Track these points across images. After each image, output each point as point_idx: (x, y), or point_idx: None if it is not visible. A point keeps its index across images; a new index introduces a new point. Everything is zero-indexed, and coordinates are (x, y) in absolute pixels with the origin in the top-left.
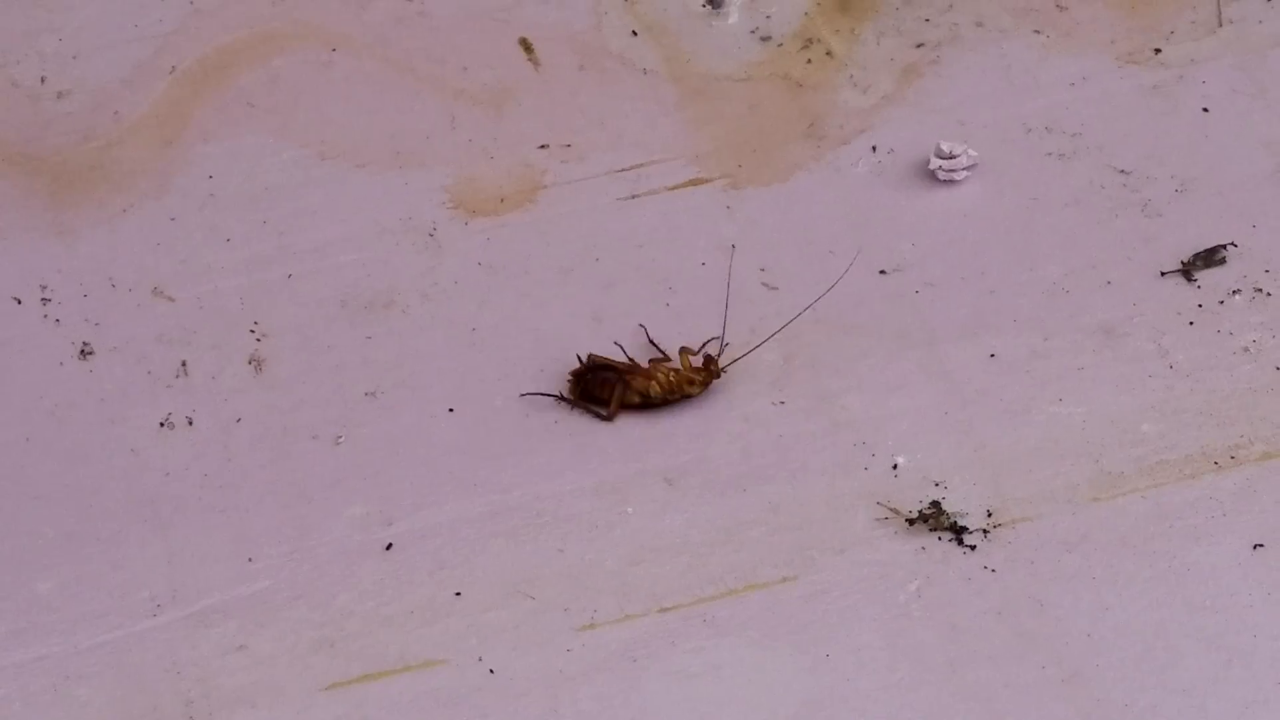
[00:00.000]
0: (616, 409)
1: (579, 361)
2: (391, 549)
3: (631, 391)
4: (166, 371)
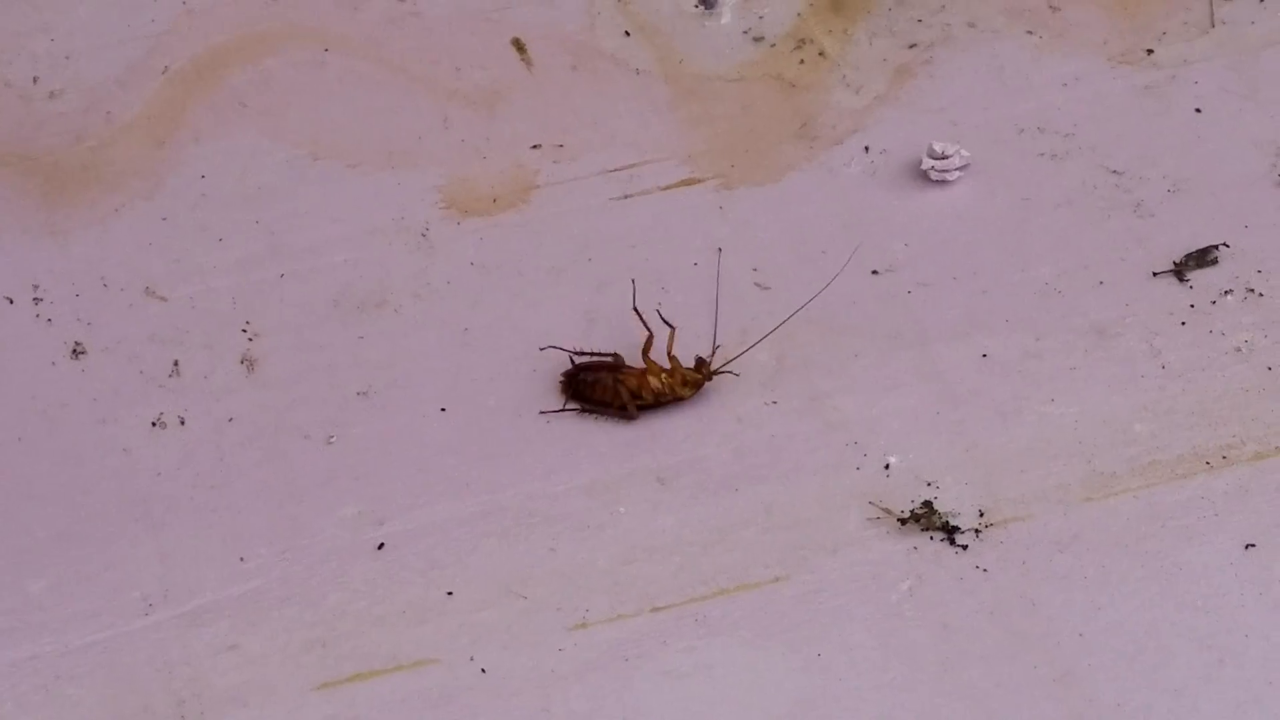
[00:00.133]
0: (633, 407)
1: (570, 362)
2: (383, 548)
3: (625, 390)
4: (159, 371)
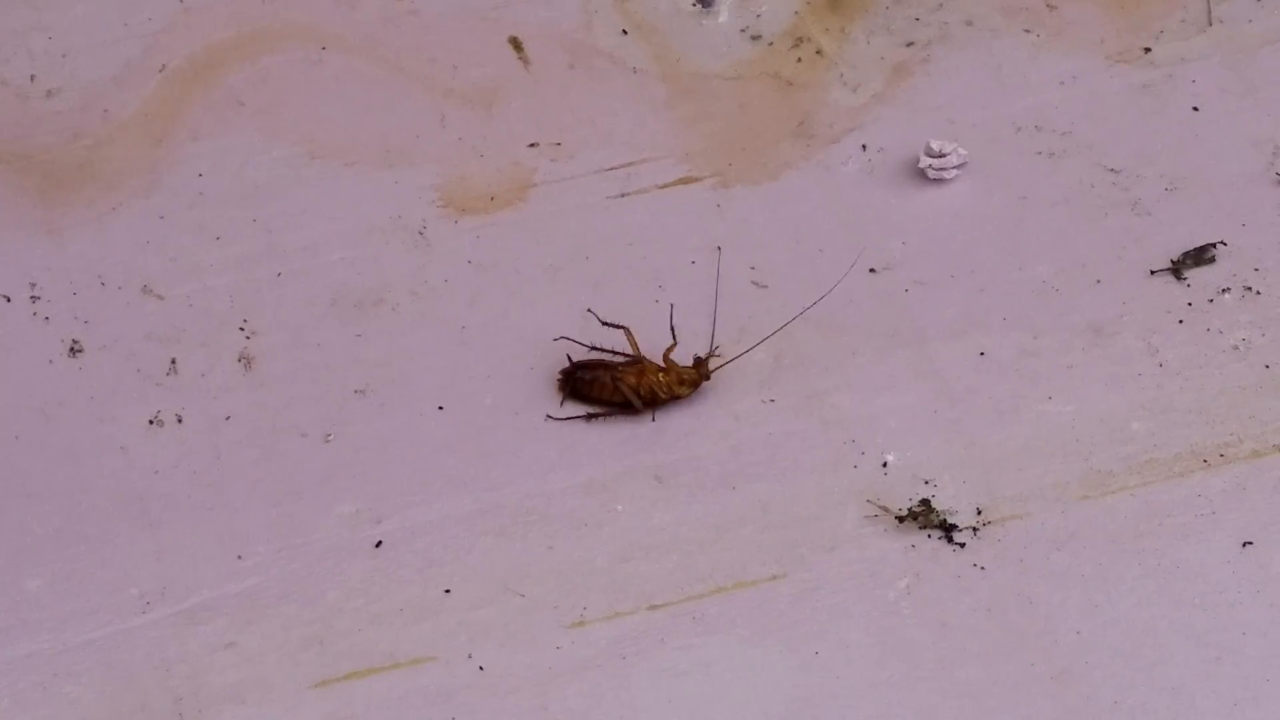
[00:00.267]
0: (638, 403)
1: (568, 360)
2: (381, 546)
3: (625, 387)
4: (156, 369)
